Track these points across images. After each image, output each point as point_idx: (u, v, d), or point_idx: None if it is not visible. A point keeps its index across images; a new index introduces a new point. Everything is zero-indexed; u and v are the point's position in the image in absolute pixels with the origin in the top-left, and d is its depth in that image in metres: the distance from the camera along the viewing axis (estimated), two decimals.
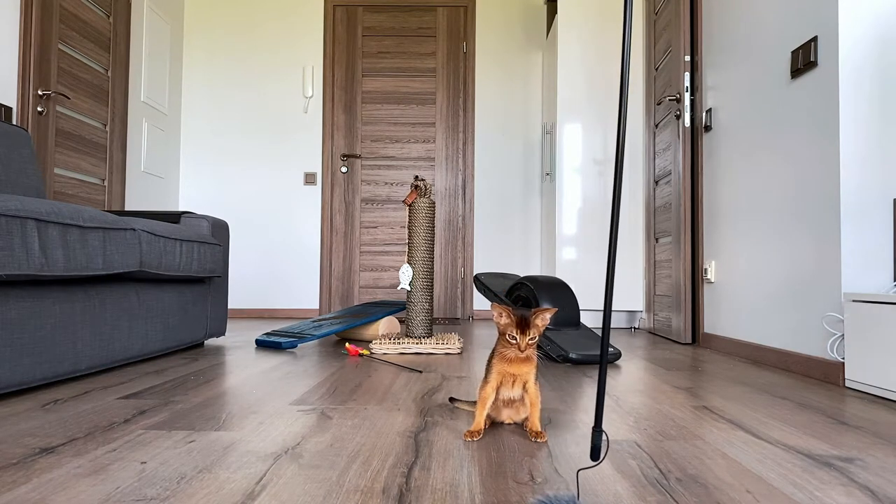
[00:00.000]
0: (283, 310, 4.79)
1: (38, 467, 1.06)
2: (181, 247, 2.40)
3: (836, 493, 0.98)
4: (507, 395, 1.34)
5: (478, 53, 4.88)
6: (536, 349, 1.35)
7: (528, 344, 1.28)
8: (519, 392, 1.33)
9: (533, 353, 1.31)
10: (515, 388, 1.33)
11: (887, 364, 1.76)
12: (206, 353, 2.58)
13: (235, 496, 0.94)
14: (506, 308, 1.30)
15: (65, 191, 3.34)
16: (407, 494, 0.95)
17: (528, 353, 1.30)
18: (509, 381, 1.32)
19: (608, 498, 0.95)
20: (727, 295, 2.88)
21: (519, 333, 1.27)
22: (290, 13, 4.88)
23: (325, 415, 1.48)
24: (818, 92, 2.16)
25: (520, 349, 1.28)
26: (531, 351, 1.30)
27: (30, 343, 1.67)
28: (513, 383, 1.32)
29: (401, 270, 2.78)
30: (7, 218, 1.52)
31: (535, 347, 1.32)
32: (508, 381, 1.32)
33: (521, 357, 1.30)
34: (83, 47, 3.51)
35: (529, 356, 1.31)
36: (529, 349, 1.29)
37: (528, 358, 1.31)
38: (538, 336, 1.30)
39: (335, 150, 4.85)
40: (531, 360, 1.31)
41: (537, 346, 1.96)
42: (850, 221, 2.02)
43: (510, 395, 1.34)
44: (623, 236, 4.12)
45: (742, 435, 1.34)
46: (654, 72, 3.85)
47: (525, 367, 1.31)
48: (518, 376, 1.31)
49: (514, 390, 1.33)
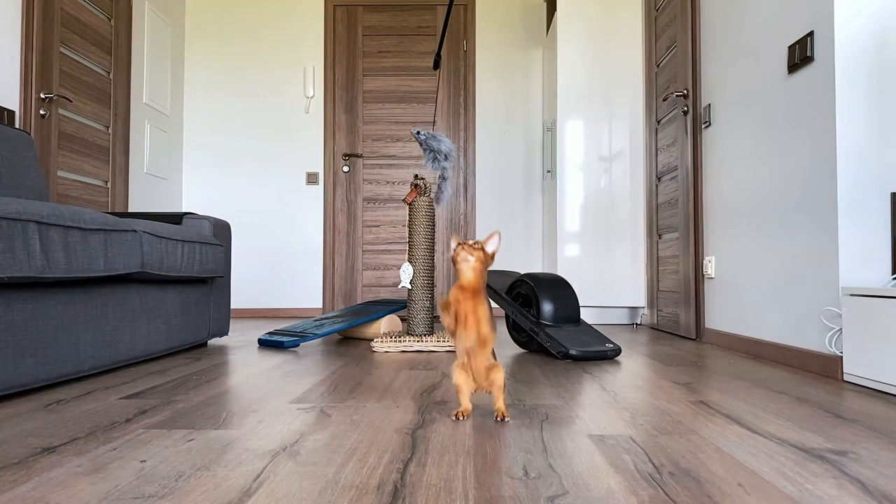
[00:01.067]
0: (286, 309, 4.81)
1: (39, 466, 1.08)
2: (183, 248, 2.42)
3: (827, 486, 0.99)
4: (468, 343, 1.40)
5: (478, 51, 4.89)
6: (537, 345, 1.39)
7: (472, 247, 1.39)
8: (473, 335, 1.39)
9: (480, 275, 1.40)
10: (470, 330, 1.39)
11: (885, 357, 1.77)
12: (208, 353, 2.60)
13: (232, 493, 0.95)
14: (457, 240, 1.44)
15: (68, 193, 3.37)
16: (402, 490, 0.97)
17: (475, 268, 1.39)
18: (463, 322, 1.39)
19: (601, 492, 0.96)
20: (727, 290, 2.88)
21: (466, 246, 1.39)
22: (290, 14, 4.90)
23: (324, 413, 1.49)
24: (815, 86, 2.16)
25: (464, 248, 1.38)
26: (479, 267, 1.40)
27: (32, 344, 1.68)
28: (466, 321, 1.39)
29: (401, 269, 2.79)
30: (8, 221, 1.54)
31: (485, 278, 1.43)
32: (462, 321, 1.39)
33: (471, 283, 1.39)
34: (85, 50, 3.53)
35: (478, 290, 1.39)
36: (474, 253, 1.39)
37: (476, 292, 1.39)
38: (484, 252, 1.41)
39: (337, 150, 4.87)
40: (479, 294, 1.40)
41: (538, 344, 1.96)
42: (847, 215, 2.02)
43: (470, 342, 1.40)
44: (624, 233, 4.12)
45: (737, 429, 1.35)
46: (656, 68, 3.85)
47: (477, 302, 1.39)
48: (470, 315, 1.38)
49: (470, 334, 1.39)
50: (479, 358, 1.42)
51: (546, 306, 2.57)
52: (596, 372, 2.14)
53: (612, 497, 0.94)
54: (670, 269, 3.58)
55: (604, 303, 4.11)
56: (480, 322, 1.38)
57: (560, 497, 0.94)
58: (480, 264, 1.40)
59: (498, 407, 1.43)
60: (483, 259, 1.41)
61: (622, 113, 4.15)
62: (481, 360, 1.42)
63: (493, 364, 1.44)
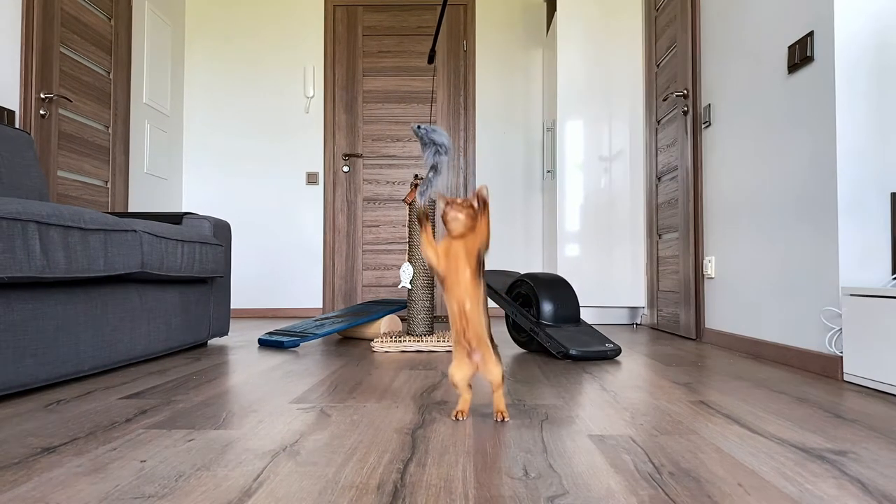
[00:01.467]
0: (286, 309, 4.81)
1: (39, 466, 1.08)
2: (183, 248, 2.42)
3: (827, 486, 0.99)
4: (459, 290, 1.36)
5: (478, 51, 4.89)
6: (537, 345, 1.37)
7: (461, 205, 1.36)
8: (466, 273, 1.35)
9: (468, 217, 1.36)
10: (462, 271, 1.35)
11: (885, 358, 1.77)
12: (208, 353, 2.60)
13: (232, 493, 0.95)
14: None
15: (68, 193, 3.37)
16: (402, 490, 0.97)
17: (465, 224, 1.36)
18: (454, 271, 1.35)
19: (601, 492, 0.96)
20: (727, 290, 2.88)
21: (455, 205, 1.36)
22: (290, 14, 4.90)
23: (324, 412, 1.49)
24: (815, 86, 2.16)
25: (453, 207, 1.35)
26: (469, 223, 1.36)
27: (32, 344, 1.68)
28: (457, 267, 1.35)
29: (401, 269, 2.79)
30: (8, 221, 1.54)
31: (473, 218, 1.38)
32: (454, 270, 1.36)
33: (460, 232, 1.36)
34: (85, 50, 3.53)
35: (466, 235, 1.36)
36: (463, 210, 1.36)
37: (465, 235, 1.36)
38: (473, 208, 1.37)
39: (337, 150, 4.87)
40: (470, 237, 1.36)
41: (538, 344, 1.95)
42: (847, 215, 2.02)
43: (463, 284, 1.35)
44: (624, 233, 4.12)
45: (737, 429, 1.35)
46: (656, 68, 3.85)
47: (466, 240, 1.36)
48: (461, 259, 1.35)
49: (461, 275, 1.35)
50: (473, 305, 1.36)
51: (546, 306, 2.57)
52: (596, 372, 2.14)
53: (612, 497, 0.94)
54: (670, 269, 3.58)
55: (604, 303, 4.11)
56: (470, 256, 1.35)
57: (560, 497, 0.94)
58: (470, 220, 1.37)
59: (497, 407, 1.42)
60: (472, 215, 1.37)
61: (622, 113, 4.15)
62: (475, 312, 1.36)
63: (492, 356, 1.40)
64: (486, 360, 1.40)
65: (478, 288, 1.37)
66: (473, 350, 1.41)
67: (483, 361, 1.41)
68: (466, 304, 1.37)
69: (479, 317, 1.38)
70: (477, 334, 1.39)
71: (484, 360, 1.41)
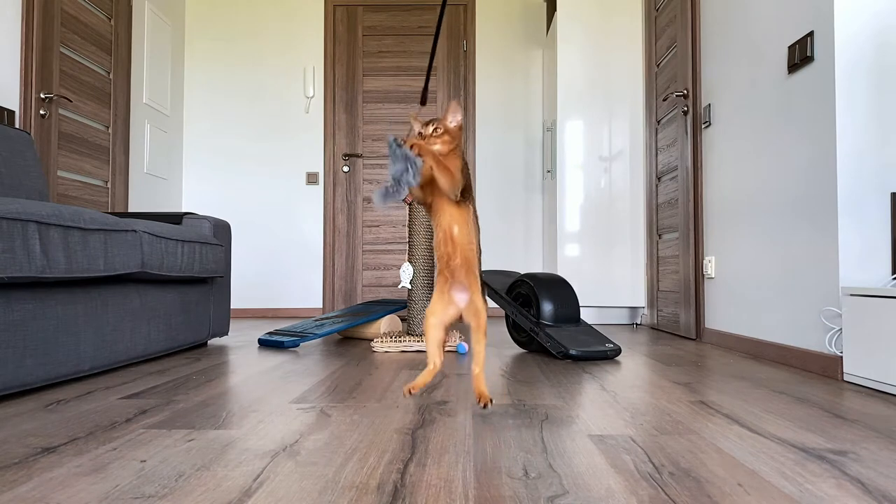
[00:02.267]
0: (286, 309, 4.81)
1: (39, 466, 1.08)
2: (183, 247, 2.42)
3: (827, 486, 0.99)
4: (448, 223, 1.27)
5: (478, 52, 4.88)
6: (537, 345, 1.36)
7: (434, 136, 1.28)
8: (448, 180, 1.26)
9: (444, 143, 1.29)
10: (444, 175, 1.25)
11: (885, 357, 1.77)
12: (208, 353, 2.60)
13: (232, 493, 0.95)
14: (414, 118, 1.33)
15: (68, 193, 3.37)
16: (402, 490, 0.97)
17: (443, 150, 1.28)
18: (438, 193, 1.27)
19: (600, 492, 0.96)
20: (727, 290, 2.88)
21: (423, 126, 1.29)
22: (290, 14, 4.90)
23: (324, 413, 1.49)
24: (815, 86, 2.16)
25: (428, 140, 1.28)
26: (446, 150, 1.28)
27: (32, 344, 1.68)
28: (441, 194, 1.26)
29: (401, 269, 2.79)
30: (8, 221, 1.54)
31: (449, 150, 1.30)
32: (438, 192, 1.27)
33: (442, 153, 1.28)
34: (85, 50, 3.53)
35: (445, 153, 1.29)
36: (438, 141, 1.28)
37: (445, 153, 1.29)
38: (449, 133, 1.29)
39: (337, 150, 4.87)
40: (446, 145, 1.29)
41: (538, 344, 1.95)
42: (847, 215, 2.02)
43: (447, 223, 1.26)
44: (623, 233, 4.12)
45: (737, 429, 1.35)
46: (656, 68, 3.85)
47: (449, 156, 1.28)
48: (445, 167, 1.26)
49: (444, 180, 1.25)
50: (462, 229, 1.27)
51: (546, 306, 2.57)
52: (596, 372, 2.14)
53: (612, 497, 0.94)
54: (670, 269, 3.58)
55: (604, 303, 4.11)
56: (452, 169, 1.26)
57: (560, 497, 0.94)
58: (448, 146, 1.29)
59: (478, 389, 1.33)
60: (450, 141, 1.29)
61: (622, 113, 4.15)
62: (464, 236, 1.27)
63: (478, 290, 1.30)
64: (473, 297, 1.28)
65: (465, 212, 1.29)
66: (458, 283, 1.29)
67: (469, 300, 1.29)
68: (454, 229, 1.28)
69: (469, 243, 1.28)
70: (466, 259, 1.28)
71: (470, 299, 1.28)
